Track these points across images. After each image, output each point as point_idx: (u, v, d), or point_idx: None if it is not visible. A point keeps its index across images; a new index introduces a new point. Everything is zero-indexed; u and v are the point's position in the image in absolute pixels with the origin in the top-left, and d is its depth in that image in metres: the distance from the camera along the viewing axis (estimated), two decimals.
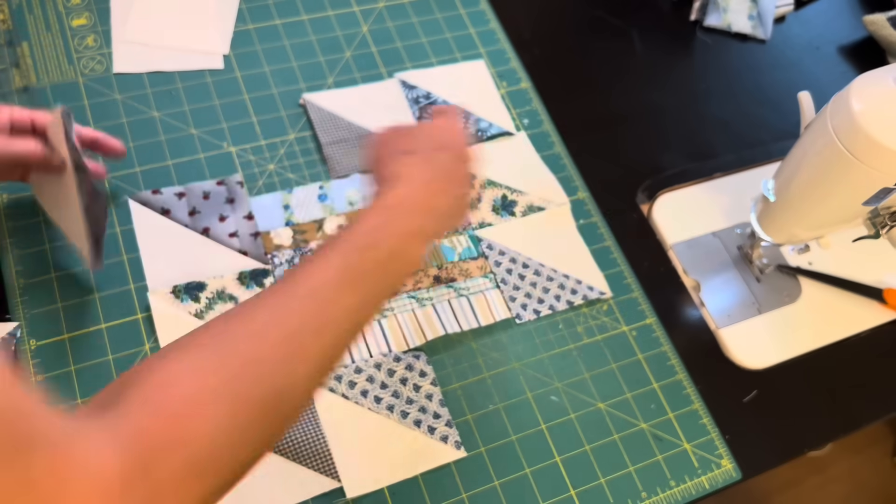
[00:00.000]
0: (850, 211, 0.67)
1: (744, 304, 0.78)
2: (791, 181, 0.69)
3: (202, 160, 0.74)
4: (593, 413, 0.69)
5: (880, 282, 0.80)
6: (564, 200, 0.79)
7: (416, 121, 0.79)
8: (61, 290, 0.66)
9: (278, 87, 0.80)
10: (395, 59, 0.84)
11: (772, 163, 0.87)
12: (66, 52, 0.77)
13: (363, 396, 0.65)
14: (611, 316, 0.74)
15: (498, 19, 0.90)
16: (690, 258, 0.79)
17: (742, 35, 0.97)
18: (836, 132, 0.61)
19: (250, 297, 0.46)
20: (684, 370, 0.72)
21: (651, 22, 0.95)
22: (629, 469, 0.67)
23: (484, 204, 0.77)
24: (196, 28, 0.81)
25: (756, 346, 0.75)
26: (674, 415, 0.70)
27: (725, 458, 0.68)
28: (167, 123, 0.76)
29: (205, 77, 0.79)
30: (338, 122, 0.79)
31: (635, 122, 0.87)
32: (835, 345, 0.77)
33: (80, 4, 0.80)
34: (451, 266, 0.73)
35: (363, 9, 0.87)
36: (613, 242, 0.78)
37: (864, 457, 1.62)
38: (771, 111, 0.91)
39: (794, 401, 0.73)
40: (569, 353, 0.71)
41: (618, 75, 0.90)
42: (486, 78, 0.85)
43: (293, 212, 0.73)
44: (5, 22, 0.77)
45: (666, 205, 0.82)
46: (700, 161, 0.86)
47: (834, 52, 0.99)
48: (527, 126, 0.83)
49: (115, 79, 0.77)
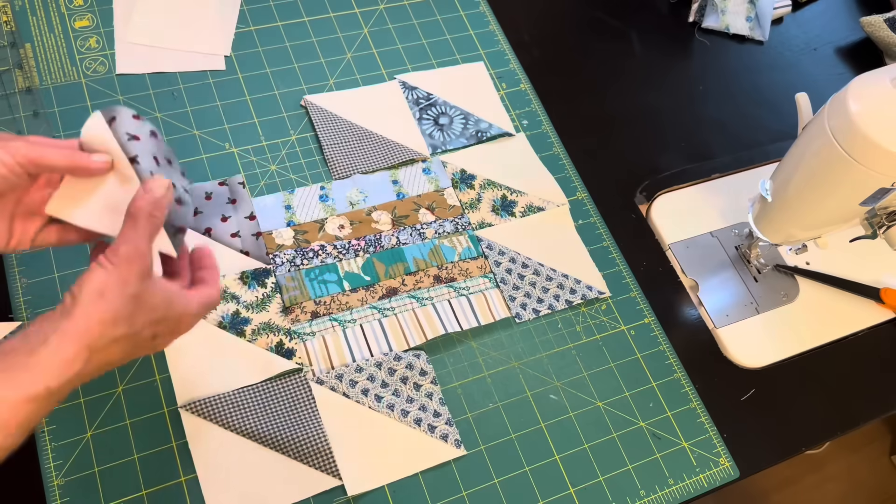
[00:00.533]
0: (848, 211, 0.68)
1: (742, 304, 0.78)
2: (788, 182, 0.69)
3: (204, 161, 0.75)
4: (592, 412, 0.69)
5: (877, 281, 0.80)
6: (563, 201, 0.80)
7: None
8: (64, 290, 0.66)
9: (280, 89, 0.80)
10: (395, 61, 0.85)
11: (769, 164, 0.87)
12: (68, 53, 0.78)
13: (364, 395, 0.65)
14: (609, 315, 0.74)
15: (497, 21, 0.90)
16: (688, 258, 0.80)
17: (740, 36, 0.97)
18: (834, 133, 0.62)
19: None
20: (682, 369, 0.73)
21: (649, 23, 0.96)
22: (628, 467, 0.67)
23: (484, 204, 0.78)
24: (198, 29, 0.81)
25: (754, 345, 0.76)
26: (672, 413, 0.70)
27: (723, 457, 0.69)
28: (169, 124, 0.76)
29: (207, 78, 0.80)
30: (339, 122, 0.79)
31: (634, 123, 0.88)
32: (832, 344, 0.78)
33: (83, 6, 0.81)
34: (452, 266, 0.74)
35: (364, 10, 0.88)
36: (612, 242, 0.78)
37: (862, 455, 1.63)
38: (769, 112, 0.92)
39: (792, 400, 0.74)
40: (568, 353, 0.72)
41: (617, 77, 0.91)
42: (485, 79, 0.86)
43: (295, 212, 0.74)
44: (8, 23, 0.78)
45: (664, 205, 0.83)
46: (698, 162, 0.86)
47: (831, 54, 0.99)
48: (526, 127, 0.84)
49: (117, 80, 0.77)
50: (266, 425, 0.63)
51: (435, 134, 0.81)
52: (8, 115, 0.73)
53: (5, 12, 0.78)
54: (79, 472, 0.59)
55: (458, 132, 0.82)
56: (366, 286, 0.71)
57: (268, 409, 0.63)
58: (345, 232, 0.73)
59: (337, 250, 0.72)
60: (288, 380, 0.65)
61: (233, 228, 0.71)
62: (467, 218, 0.77)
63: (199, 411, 0.62)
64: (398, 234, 0.74)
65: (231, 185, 0.74)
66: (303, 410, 0.64)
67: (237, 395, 0.63)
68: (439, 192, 0.78)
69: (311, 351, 0.67)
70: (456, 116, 0.82)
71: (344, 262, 0.72)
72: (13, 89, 0.74)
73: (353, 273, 0.71)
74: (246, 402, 0.63)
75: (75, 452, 0.60)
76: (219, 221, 0.71)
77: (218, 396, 0.63)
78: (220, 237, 0.71)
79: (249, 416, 0.63)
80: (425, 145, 0.80)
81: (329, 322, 0.69)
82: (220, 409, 0.62)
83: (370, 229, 0.74)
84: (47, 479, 0.59)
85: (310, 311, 0.69)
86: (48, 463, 0.59)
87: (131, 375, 0.63)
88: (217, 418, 0.62)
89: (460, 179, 0.79)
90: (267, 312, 0.68)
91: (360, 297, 0.70)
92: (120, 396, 0.63)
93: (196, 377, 0.64)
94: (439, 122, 0.82)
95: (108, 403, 0.62)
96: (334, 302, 0.69)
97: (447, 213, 0.77)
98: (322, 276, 0.70)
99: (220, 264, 0.68)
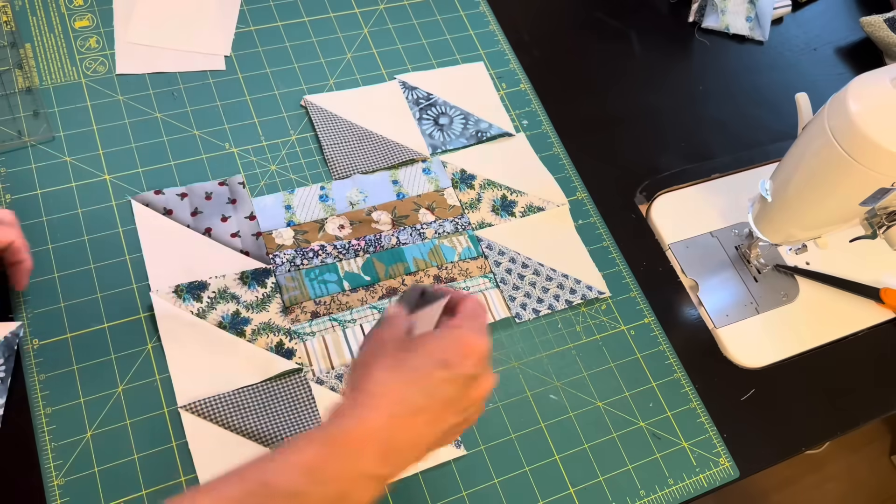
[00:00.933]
0: (848, 211, 0.68)
1: (741, 304, 0.78)
2: (788, 182, 0.69)
3: (204, 161, 0.75)
4: (592, 412, 0.69)
5: (877, 281, 0.80)
6: (563, 201, 0.80)
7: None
8: (64, 290, 0.66)
9: (280, 89, 0.81)
10: (395, 61, 0.85)
11: (769, 164, 0.87)
12: (68, 53, 0.78)
13: None
14: (609, 315, 0.74)
15: (497, 21, 0.90)
16: (688, 258, 0.80)
17: (740, 36, 0.97)
18: (834, 133, 0.62)
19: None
20: (682, 369, 0.73)
21: (649, 23, 0.96)
22: (628, 467, 0.67)
23: (484, 204, 0.78)
24: (198, 29, 0.81)
25: (754, 345, 0.76)
26: (672, 413, 0.70)
27: (723, 457, 0.69)
28: (169, 124, 0.76)
29: (207, 78, 0.80)
30: (339, 122, 0.79)
31: (633, 123, 0.88)
32: (832, 344, 0.78)
33: (83, 6, 0.81)
34: (452, 266, 0.74)
35: (364, 10, 0.88)
36: (612, 242, 0.78)
37: (862, 455, 1.63)
38: (768, 112, 0.92)
39: (792, 400, 0.74)
40: (568, 353, 0.72)
41: (616, 77, 0.91)
42: (485, 79, 0.86)
43: (295, 212, 0.74)
44: (8, 23, 0.78)
45: (664, 205, 0.83)
46: (698, 162, 0.86)
47: (831, 54, 0.99)
48: (526, 127, 0.84)
49: (117, 80, 0.77)
50: (266, 425, 0.63)
51: (435, 134, 0.81)
52: (8, 115, 0.73)
53: (5, 12, 0.78)
54: (79, 472, 0.59)
55: (458, 132, 0.82)
56: (366, 286, 0.71)
57: (268, 409, 0.63)
58: (345, 232, 0.73)
59: (337, 250, 0.72)
60: (288, 380, 0.65)
61: (233, 228, 0.71)
62: (467, 218, 0.77)
63: (199, 411, 0.62)
64: (398, 234, 0.74)
65: (231, 185, 0.74)
66: (303, 410, 0.64)
67: (237, 395, 0.63)
68: (439, 192, 0.78)
69: (311, 351, 0.67)
70: (456, 116, 0.82)
71: (344, 262, 0.72)
72: (13, 89, 0.74)
73: (353, 273, 0.71)
74: (246, 402, 0.63)
75: (75, 452, 0.60)
76: (219, 221, 0.71)
77: (218, 396, 0.63)
78: (220, 237, 0.71)
79: (249, 416, 0.63)
80: (425, 145, 0.80)
81: (329, 322, 0.69)
82: (220, 409, 0.62)
83: (370, 229, 0.74)
84: (47, 479, 0.59)
85: (310, 311, 0.69)
86: (48, 463, 0.59)
87: (131, 375, 0.64)
88: (217, 418, 0.62)
89: (460, 179, 0.79)
90: (267, 312, 0.68)
91: (360, 297, 0.70)
92: (120, 396, 0.63)
93: (196, 377, 0.64)
94: (439, 122, 0.82)
95: (108, 403, 0.62)
96: (334, 302, 0.69)
97: (447, 213, 0.77)
98: (322, 276, 0.70)
99: (218, 265, 0.69)
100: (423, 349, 0.44)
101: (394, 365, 0.43)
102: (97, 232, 0.69)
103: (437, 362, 0.44)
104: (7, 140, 0.72)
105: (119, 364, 0.64)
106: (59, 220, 0.69)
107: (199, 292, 0.67)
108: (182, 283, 0.67)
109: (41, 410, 0.61)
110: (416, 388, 0.42)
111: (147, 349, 0.65)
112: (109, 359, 0.64)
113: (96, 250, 0.68)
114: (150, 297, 0.66)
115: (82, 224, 0.69)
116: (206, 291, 0.67)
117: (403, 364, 0.43)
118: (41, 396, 0.61)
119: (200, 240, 0.70)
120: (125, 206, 0.71)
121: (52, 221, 0.69)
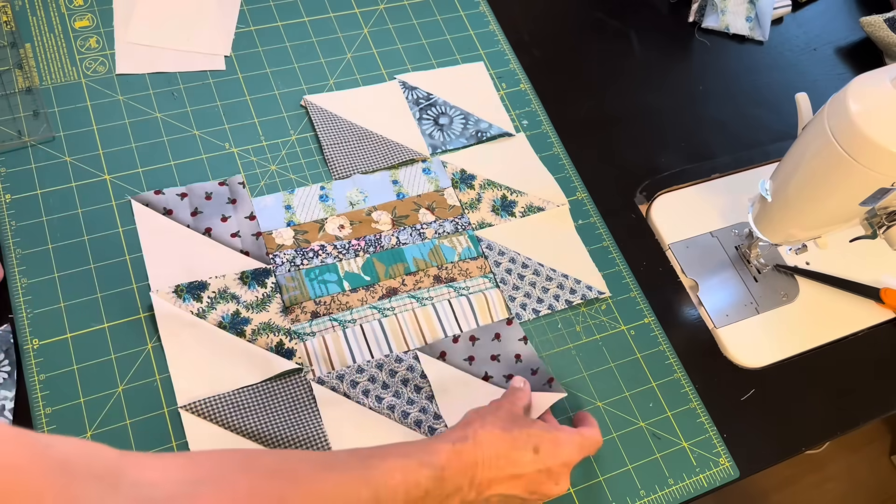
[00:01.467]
0: (848, 211, 0.68)
1: (741, 304, 0.78)
2: (788, 182, 0.69)
3: (204, 161, 0.75)
4: (592, 412, 0.69)
5: (877, 281, 0.80)
6: (563, 201, 0.80)
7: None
8: (64, 290, 0.66)
9: (280, 89, 0.81)
10: (395, 61, 0.85)
11: (769, 164, 0.87)
12: (68, 53, 0.78)
13: (365, 396, 0.65)
14: (609, 315, 0.74)
15: (497, 21, 0.91)
16: (688, 258, 0.80)
17: (740, 36, 0.97)
18: (834, 133, 0.62)
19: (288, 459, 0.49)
20: (682, 369, 0.73)
21: (649, 23, 0.96)
22: (628, 467, 0.67)
23: (484, 204, 0.78)
24: (198, 29, 0.81)
25: (754, 345, 0.76)
26: (672, 413, 0.70)
27: (723, 457, 0.69)
28: (169, 124, 0.76)
29: (207, 78, 0.80)
30: (339, 122, 0.79)
31: (633, 123, 0.88)
32: (832, 344, 0.78)
33: (83, 6, 0.81)
34: (452, 266, 0.74)
35: (364, 10, 0.88)
36: (612, 242, 0.78)
37: (862, 455, 1.63)
38: (768, 112, 0.92)
39: (792, 400, 0.74)
40: (567, 353, 0.72)
41: (616, 76, 0.91)
42: (485, 79, 0.86)
43: (295, 212, 0.74)
44: (8, 23, 0.78)
45: (664, 205, 0.83)
46: (698, 162, 0.86)
47: (831, 54, 0.99)
48: (526, 127, 0.84)
49: (117, 80, 0.77)
50: (266, 425, 0.63)
51: (435, 134, 0.81)
52: (8, 115, 0.73)
53: (5, 12, 0.78)
54: None
55: (458, 132, 0.82)
56: (366, 286, 0.71)
57: (268, 410, 0.63)
58: (345, 232, 0.73)
59: (337, 250, 0.72)
60: (288, 380, 0.65)
61: (233, 228, 0.71)
62: (467, 218, 0.77)
63: (199, 411, 0.62)
64: (398, 234, 0.74)
65: (231, 185, 0.74)
66: (303, 410, 0.64)
67: (237, 395, 0.63)
68: (439, 192, 0.78)
69: (311, 351, 0.67)
70: (456, 116, 0.82)
71: (344, 262, 0.72)
72: (13, 89, 0.74)
73: (353, 273, 0.71)
74: (246, 402, 0.63)
75: None
76: (219, 221, 0.71)
77: (218, 396, 0.63)
78: (220, 237, 0.71)
79: (249, 416, 0.63)
80: (425, 145, 0.80)
81: (329, 322, 0.69)
82: (220, 409, 0.62)
83: (370, 229, 0.74)
84: None
85: (310, 311, 0.69)
86: None
87: (131, 375, 0.64)
88: (217, 418, 0.62)
89: (460, 179, 0.79)
90: (267, 312, 0.68)
91: (360, 297, 0.70)
92: (120, 396, 0.63)
93: (196, 377, 0.64)
94: (439, 122, 0.82)
95: (108, 403, 0.62)
96: (334, 302, 0.69)
97: (447, 213, 0.77)
98: (322, 276, 0.71)
99: (218, 264, 0.69)
100: (528, 430, 0.56)
101: (502, 429, 0.55)
102: (97, 232, 0.69)
103: (533, 445, 0.55)
104: (7, 140, 0.72)
105: (119, 364, 0.64)
106: (59, 220, 0.69)
107: (199, 292, 0.67)
108: (182, 283, 0.67)
109: (41, 410, 0.61)
110: (507, 452, 0.54)
111: (147, 349, 0.65)
112: (109, 359, 0.64)
113: (96, 250, 0.68)
114: (150, 297, 0.66)
115: (82, 224, 0.69)
116: (206, 291, 0.67)
117: (508, 433, 0.55)
118: (41, 396, 0.61)
119: (200, 240, 0.70)
120: (125, 206, 0.71)
121: (52, 221, 0.69)
